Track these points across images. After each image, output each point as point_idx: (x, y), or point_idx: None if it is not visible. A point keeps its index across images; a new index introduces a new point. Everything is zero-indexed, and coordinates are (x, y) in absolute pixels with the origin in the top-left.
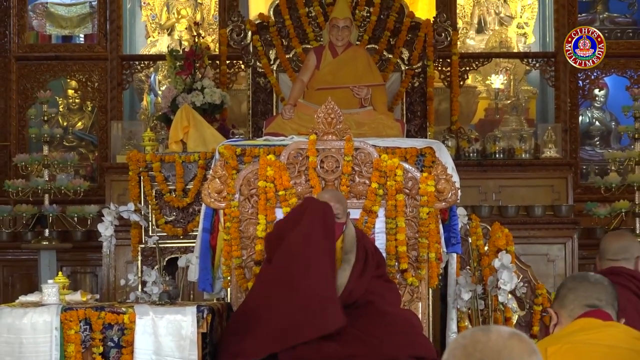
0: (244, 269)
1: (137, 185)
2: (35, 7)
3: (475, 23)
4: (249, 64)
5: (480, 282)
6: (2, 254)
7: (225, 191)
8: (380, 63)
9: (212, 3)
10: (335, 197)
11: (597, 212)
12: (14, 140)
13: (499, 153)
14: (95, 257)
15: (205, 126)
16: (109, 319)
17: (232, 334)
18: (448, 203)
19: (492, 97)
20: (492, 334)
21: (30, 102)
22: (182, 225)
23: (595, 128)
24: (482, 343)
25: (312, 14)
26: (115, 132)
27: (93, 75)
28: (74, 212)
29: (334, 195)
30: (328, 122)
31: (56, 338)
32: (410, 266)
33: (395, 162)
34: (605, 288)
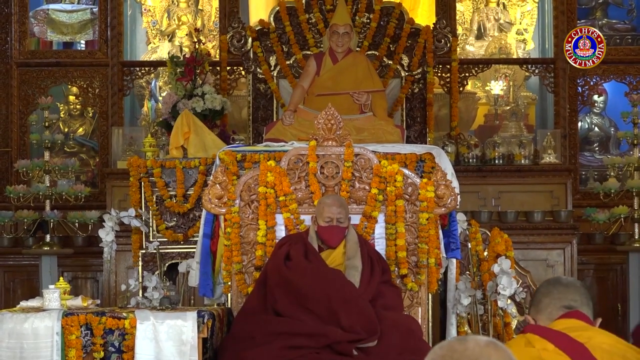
0: (244, 275)
1: (138, 191)
2: (36, 14)
3: (474, 29)
4: (249, 70)
5: (480, 287)
6: (4, 259)
7: (226, 197)
8: (380, 69)
9: (212, 9)
10: (338, 202)
11: (596, 217)
12: (15, 146)
13: (498, 159)
14: (96, 262)
15: (205, 132)
16: (110, 324)
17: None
18: (448, 209)
19: (492, 103)
20: (469, 343)
21: (32, 108)
22: (182, 231)
23: (595, 134)
24: (459, 352)
25: (312, 21)
26: (116, 138)
27: (94, 81)
28: (75, 218)
29: (336, 200)
30: (328, 128)
31: (57, 343)
32: (410, 271)
33: (395, 167)
34: (579, 289)
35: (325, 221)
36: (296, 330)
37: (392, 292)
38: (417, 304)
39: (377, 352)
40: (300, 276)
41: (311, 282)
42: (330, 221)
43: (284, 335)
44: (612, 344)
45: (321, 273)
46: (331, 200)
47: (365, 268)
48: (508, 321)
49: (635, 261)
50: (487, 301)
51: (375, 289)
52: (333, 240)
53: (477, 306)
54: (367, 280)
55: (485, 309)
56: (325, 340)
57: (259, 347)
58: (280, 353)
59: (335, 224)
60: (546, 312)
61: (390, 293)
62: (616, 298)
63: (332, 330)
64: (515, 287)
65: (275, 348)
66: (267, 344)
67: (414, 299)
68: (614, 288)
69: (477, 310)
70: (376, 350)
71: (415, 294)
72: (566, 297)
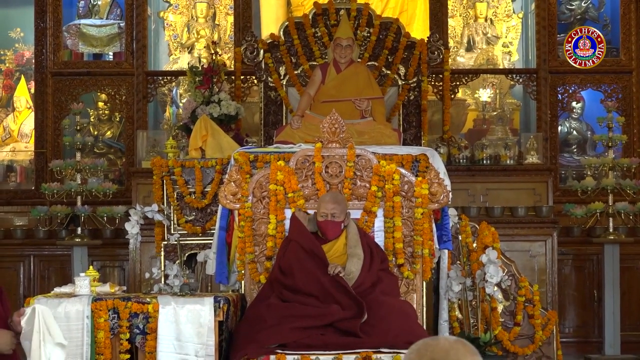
0: (256, 264)
1: (161, 188)
2: (69, 28)
3: (465, 42)
4: (261, 79)
5: (469, 275)
6: (39, 250)
7: (240, 193)
8: (380, 78)
9: (228, 24)
10: (333, 198)
11: (575, 212)
12: (50, 148)
13: (486, 159)
14: (122, 252)
15: (221, 135)
16: (135, 309)
17: (247, 327)
18: (440, 204)
19: (480, 109)
20: (441, 340)
21: (65, 114)
22: (200, 224)
23: (573, 137)
24: (432, 345)
25: (318, 34)
26: (141, 140)
27: (121, 89)
28: (104, 212)
29: (332, 197)
30: (332, 131)
31: (87, 325)
32: (406, 261)
33: (393, 167)
34: None
35: (321, 216)
36: (301, 313)
37: (389, 279)
38: (413, 291)
39: (377, 332)
40: (292, 277)
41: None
42: (326, 216)
43: (290, 318)
44: None
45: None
46: (328, 197)
47: (366, 257)
48: (495, 306)
49: (609, 252)
50: (475, 288)
51: (375, 275)
52: (329, 233)
53: (466, 293)
54: (367, 267)
55: (474, 295)
56: (330, 318)
57: (269, 328)
58: (289, 334)
59: (330, 219)
60: None
61: (388, 280)
62: (592, 286)
63: (333, 309)
64: (501, 276)
65: (285, 330)
66: (277, 325)
67: (409, 286)
68: (590, 277)
69: (467, 296)
70: (376, 331)
71: (411, 281)
72: None
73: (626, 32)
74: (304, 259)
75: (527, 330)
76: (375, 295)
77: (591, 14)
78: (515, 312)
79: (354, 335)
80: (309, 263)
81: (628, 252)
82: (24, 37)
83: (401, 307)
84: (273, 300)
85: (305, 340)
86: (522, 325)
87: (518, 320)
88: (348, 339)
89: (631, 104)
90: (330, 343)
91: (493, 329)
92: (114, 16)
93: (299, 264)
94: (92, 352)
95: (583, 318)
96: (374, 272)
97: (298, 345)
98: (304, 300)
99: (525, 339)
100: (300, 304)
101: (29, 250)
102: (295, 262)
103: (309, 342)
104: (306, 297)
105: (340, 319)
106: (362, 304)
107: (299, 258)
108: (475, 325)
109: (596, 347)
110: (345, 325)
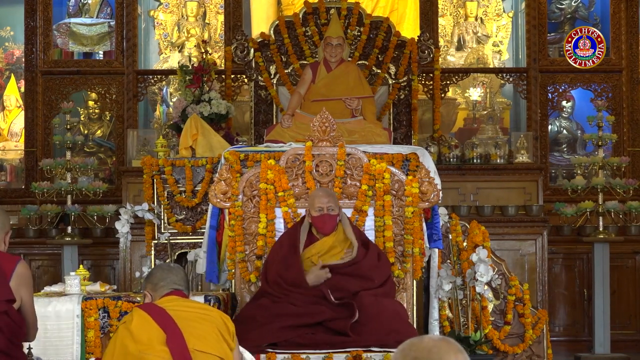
0: (246, 263)
1: (151, 187)
2: (59, 27)
3: (455, 41)
4: (251, 78)
5: (460, 274)
6: (30, 248)
7: (230, 192)
8: (370, 77)
9: (218, 23)
10: (326, 193)
11: (565, 211)
12: (40, 147)
13: (476, 158)
14: (112, 251)
15: (212, 134)
16: (125, 307)
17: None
18: (430, 203)
19: (470, 108)
20: (425, 339)
21: (55, 112)
22: (191, 223)
23: (563, 136)
24: (416, 345)
25: (308, 33)
26: (131, 139)
27: (111, 88)
28: (94, 211)
29: (324, 191)
30: (323, 130)
31: (77, 324)
32: (397, 260)
33: (383, 166)
34: (183, 277)
35: (317, 211)
36: (291, 312)
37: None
38: (403, 290)
39: (367, 331)
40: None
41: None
42: (322, 210)
43: (280, 317)
44: (189, 310)
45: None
46: (321, 192)
47: (360, 248)
48: (485, 305)
49: (599, 251)
50: (466, 287)
51: (373, 261)
52: (326, 227)
53: (457, 291)
54: (362, 254)
55: (465, 294)
56: (320, 317)
57: (260, 328)
58: (278, 333)
59: (326, 212)
60: (160, 291)
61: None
62: (582, 284)
63: (321, 309)
64: (491, 274)
65: (275, 329)
66: (267, 324)
67: (400, 284)
68: (580, 275)
69: (457, 295)
70: (366, 330)
71: (402, 280)
72: (174, 281)
73: (616, 31)
74: (288, 255)
75: (518, 329)
76: (365, 295)
77: (581, 13)
78: (505, 311)
79: (344, 335)
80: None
81: (618, 251)
82: (13, 35)
83: (392, 306)
84: (263, 301)
85: (296, 340)
86: (512, 324)
87: (508, 319)
88: (338, 337)
89: (621, 103)
90: (320, 342)
91: (483, 328)
92: (104, 15)
93: (285, 261)
94: (82, 351)
95: (573, 317)
96: (373, 254)
97: (289, 344)
98: (295, 296)
99: (515, 337)
100: (290, 304)
101: (19, 249)
102: (282, 260)
103: (299, 341)
104: (296, 288)
105: (331, 319)
106: (353, 305)
107: (284, 255)
108: (466, 324)
109: (586, 346)
110: (335, 325)
